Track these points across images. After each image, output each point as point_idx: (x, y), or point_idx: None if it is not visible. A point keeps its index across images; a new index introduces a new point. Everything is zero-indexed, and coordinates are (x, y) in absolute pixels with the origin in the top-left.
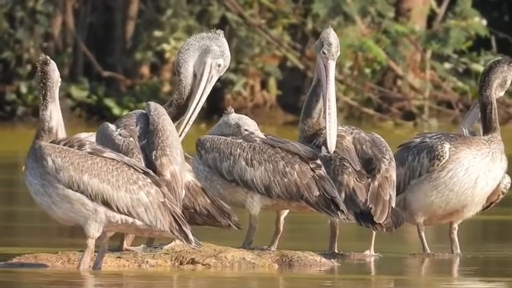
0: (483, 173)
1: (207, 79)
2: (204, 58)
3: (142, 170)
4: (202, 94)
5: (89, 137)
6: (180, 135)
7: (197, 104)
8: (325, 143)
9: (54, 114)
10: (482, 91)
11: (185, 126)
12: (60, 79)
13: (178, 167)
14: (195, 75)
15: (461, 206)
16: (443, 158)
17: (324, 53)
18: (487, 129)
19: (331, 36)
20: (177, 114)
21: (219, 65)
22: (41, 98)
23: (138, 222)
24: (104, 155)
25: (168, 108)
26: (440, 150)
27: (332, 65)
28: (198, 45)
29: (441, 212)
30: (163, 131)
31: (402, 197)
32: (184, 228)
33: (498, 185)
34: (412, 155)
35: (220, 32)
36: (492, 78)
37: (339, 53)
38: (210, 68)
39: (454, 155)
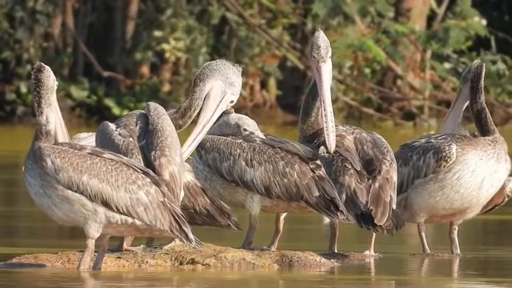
0: (489, 174)
1: (220, 110)
2: (225, 88)
3: (142, 170)
4: (209, 121)
5: (88, 137)
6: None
7: (203, 128)
8: (324, 144)
9: (50, 119)
10: (476, 99)
11: (189, 145)
12: (56, 82)
13: (177, 168)
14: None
15: (465, 207)
16: (451, 160)
17: (314, 56)
18: (487, 131)
19: (320, 39)
20: (180, 122)
21: (232, 102)
22: (36, 104)
23: (138, 222)
24: (103, 155)
25: (173, 115)
26: (447, 152)
27: (324, 67)
28: (225, 72)
29: (444, 212)
30: (163, 131)
31: (404, 196)
32: (184, 228)
33: (504, 188)
34: (417, 155)
35: (241, 69)
36: (482, 84)
37: (329, 54)
38: (226, 101)
39: (461, 156)
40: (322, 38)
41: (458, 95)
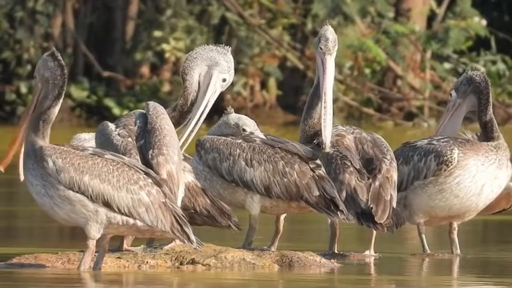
0: (489, 180)
1: (212, 92)
2: (210, 70)
3: (143, 171)
4: (205, 106)
5: (90, 139)
6: (181, 146)
7: (200, 115)
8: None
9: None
10: (486, 111)
11: (187, 137)
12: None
13: (175, 166)
14: (199, 84)
15: (464, 211)
16: (452, 164)
17: (320, 48)
18: (491, 138)
19: (328, 32)
20: (180, 119)
21: (224, 80)
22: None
23: (139, 223)
24: (105, 156)
25: (172, 113)
26: (449, 156)
27: (329, 59)
28: (206, 56)
29: (442, 215)
30: (161, 130)
31: (403, 196)
32: (186, 229)
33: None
34: (419, 156)
35: (228, 48)
36: (491, 96)
37: (336, 48)
38: (215, 82)
39: (462, 161)
40: (331, 32)
41: (456, 107)
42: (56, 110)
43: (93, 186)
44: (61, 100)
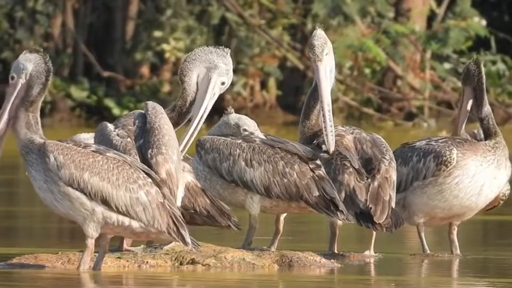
0: (488, 180)
1: (211, 95)
2: (209, 73)
3: (144, 171)
4: (204, 110)
5: (89, 138)
6: (181, 150)
7: (199, 119)
8: (323, 144)
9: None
10: (483, 108)
11: (187, 141)
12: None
13: (174, 165)
14: (197, 85)
15: (464, 211)
16: (451, 164)
17: (310, 56)
18: (489, 135)
19: (315, 38)
20: (178, 120)
21: (223, 83)
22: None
23: (135, 224)
24: (107, 154)
25: (170, 113)
26: (448, 156)
27: (320, 66)
28: (205, 58)
29: (442, 215)
30: (160, 130)
31: (403, 196)
32: (182, 231)
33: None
34: (418, 156)
35: (228, 50)
36: (484, 89)
37: (326, 52)
38: (214, 85)
39: (461, 161)
40: (317, 37)
41: (462, 97)
42: (42, 98)
43: (92, 184)
44: (47, 87)
